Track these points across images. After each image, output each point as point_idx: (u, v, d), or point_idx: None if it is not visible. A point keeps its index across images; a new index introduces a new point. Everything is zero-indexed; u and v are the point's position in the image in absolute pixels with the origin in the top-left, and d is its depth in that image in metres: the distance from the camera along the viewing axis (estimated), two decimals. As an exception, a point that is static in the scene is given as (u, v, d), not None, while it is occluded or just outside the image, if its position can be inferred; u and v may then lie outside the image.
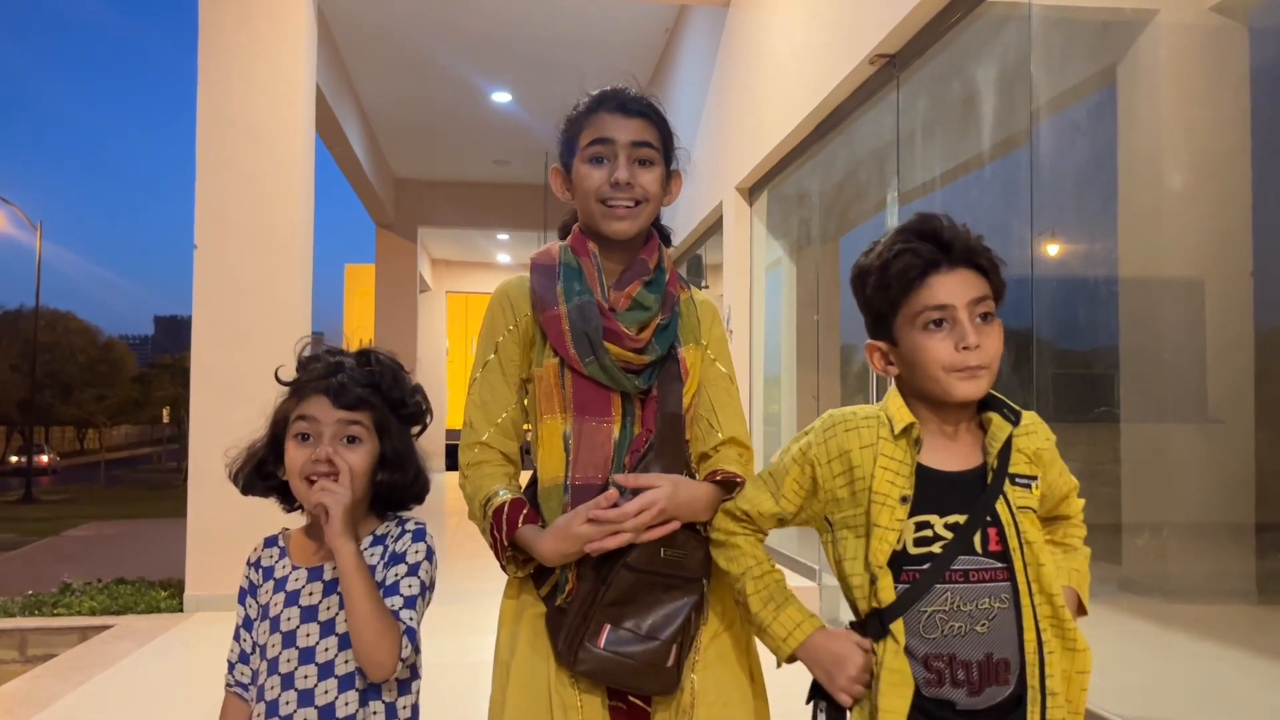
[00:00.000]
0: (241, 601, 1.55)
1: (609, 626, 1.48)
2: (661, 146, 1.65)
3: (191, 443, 5.64)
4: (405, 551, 1.51)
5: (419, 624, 1.48)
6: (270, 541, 1.58)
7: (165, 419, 39.20)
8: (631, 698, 1.55)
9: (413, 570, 1.49)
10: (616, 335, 1.57)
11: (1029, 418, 1.43)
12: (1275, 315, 3.22)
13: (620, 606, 1.49)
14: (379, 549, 1.52)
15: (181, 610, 5.51)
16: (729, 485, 1.56)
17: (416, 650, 1.47)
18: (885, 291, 1.38)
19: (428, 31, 8.26)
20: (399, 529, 1.54)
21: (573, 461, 1.57)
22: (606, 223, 1.62)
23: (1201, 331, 3.41)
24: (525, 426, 1.69)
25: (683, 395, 1.61)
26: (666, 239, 1.76)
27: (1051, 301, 3.55)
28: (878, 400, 1.48)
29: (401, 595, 1.46)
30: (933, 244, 1.35)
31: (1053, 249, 3.59)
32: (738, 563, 1.51)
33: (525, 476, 1.68)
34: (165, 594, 5.71)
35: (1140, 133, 3.50)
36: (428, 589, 1.51)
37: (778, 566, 1.54)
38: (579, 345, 1.57)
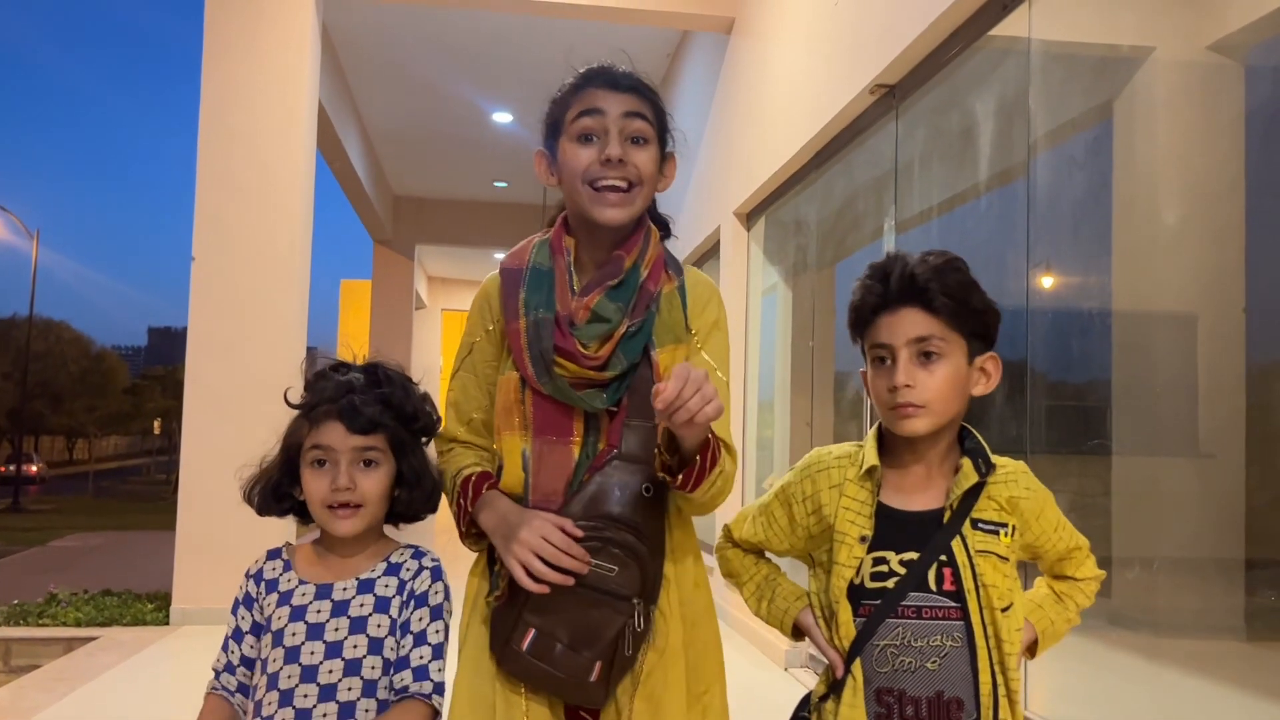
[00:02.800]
0: (234, 612, 1.53)
1: (533, 631, 1.43)
2: (656, 124, 1.54)
3: (183, 456, 5.62)
4: (426, 592, 1.50)
5: (445, 666, 1.48)
6: (273, 554, 1.57)
7: (156, 430, 39.03)
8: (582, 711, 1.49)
9: (436, 614, 1.50)
10: (570, 354, 1.46)
11: (1013, 466, 1.45)
12: (1267, 351, 3.24)
13: (544, 614, 1.42)
14: (393, 579, 1.51)
15: (168, 623, 5.48)
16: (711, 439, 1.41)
17: (442, 700, 1.47)
18: (852, 327, 1.45)
19: (431, 51, 8.31)
20: (415, 562, 1.53)
21: (531, 484, 1.49)
22: (596, 209, 1.49)
23: (1194, 366, 3.42)
24: None
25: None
26: (664, 228, 1.64)
27: (1046, 333, 3.57)
28: (871, 426, 1.51)
29: (430, 644, 1.47)
30: (882, 282, 1.39)
31: (1048, 281, 3.62)
32: (731, 573, 1.61)
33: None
34: (152, 606, 5.68)
35: (1136, 168, 3.53)
36: (449, 628, 1.51)
37: (767, 560, 1.60)
38: (535, 365, 1.48)
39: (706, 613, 1.59)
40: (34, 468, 36.72)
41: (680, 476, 1.40)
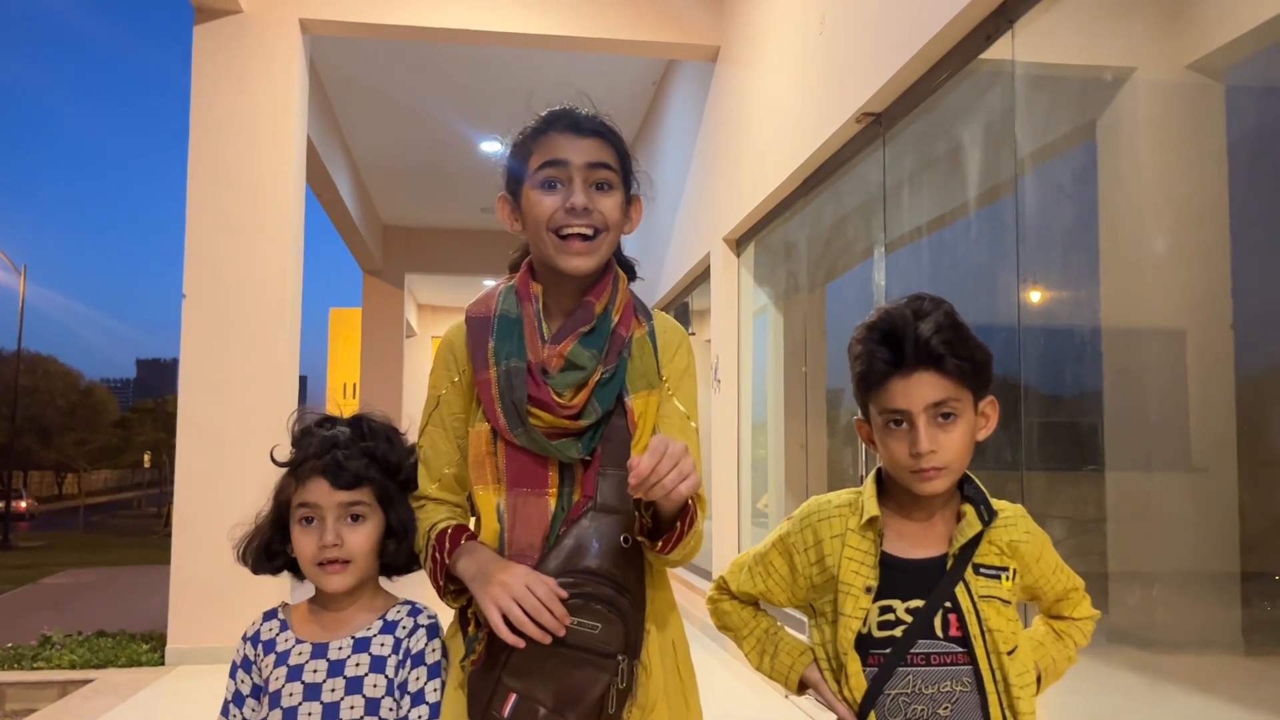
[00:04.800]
0: (233, 675, 1.52)
1: (514, 696, 1.37)
2: (620, 169, 1.51)
3: (176, 494, 5.60)
4: (423, 651, 1.50)
5: None
6: (269, 615, 1.57)
7: (146, 464, 38.80)
8: None
9: (434, 672, 1.49)
10: (545, 404, 1.43)
11: (1011, 510, 1.47)
12: (1255, 365, 3.27)
13: (525, 677, 1.37)
14: (388, 638, 1.50)
15: (163, 663, 5.43)
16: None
17: None
18: (857, 386, 1.44)
19: (418, 83, 8.36)
20: (411, 620, 1.53)
21: (507, 539, 1.45)
22: (561, 258, 1.46)
23: (1184, 381, 3.44)
24: None
25: (630, 451, 1.45)
26: (630, 272, 1.61)
27: (1037, 352, 3.60)
28: (865, 452, 1.52)
29: (427, 703, 1.47)
30: (890, 348, 1.37)
31: (1038, 299, 3.65)
32: (729, 626, 1.59)
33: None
34: (146, 647, 5.64)
35: (1121, 186, 3.57)
36: (445, 685, 1.50)
37: (765, 613, 1.59)
38: (508, 416, 1.44)
39: (684, 657, 1.56)
40: (23, 504, 36.46)
41: (660, 542, 1.39)
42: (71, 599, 13.69)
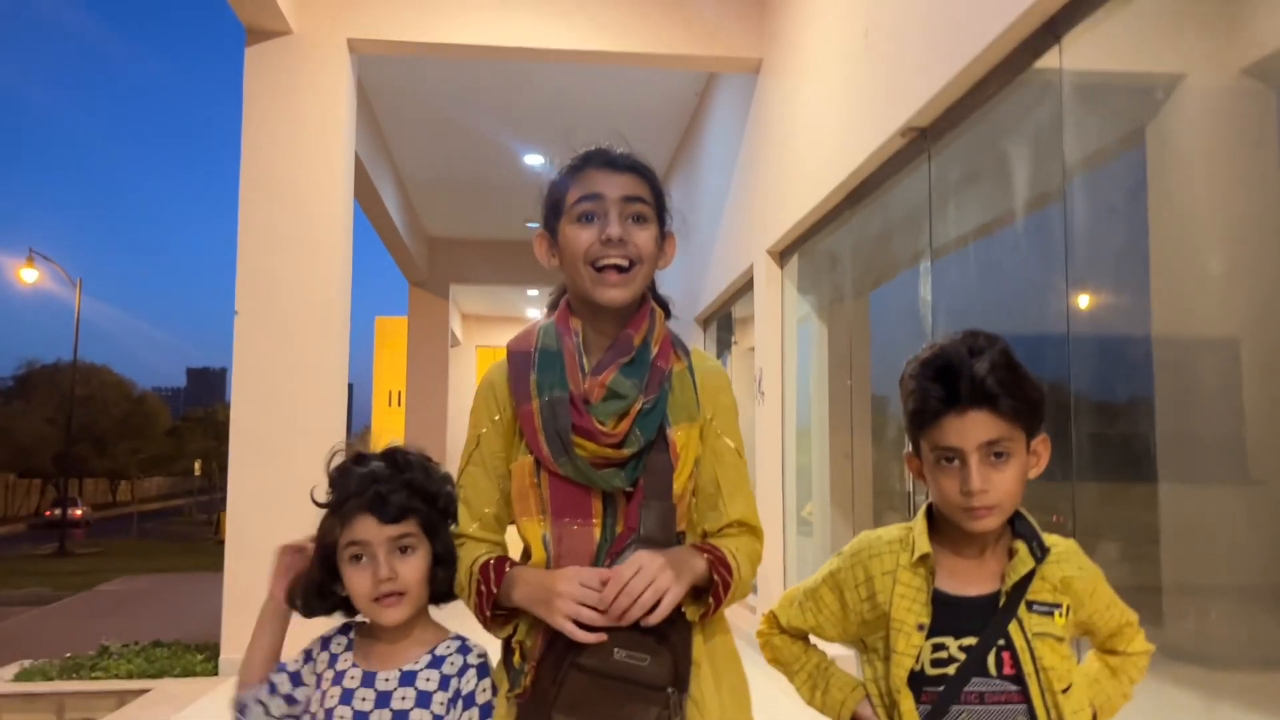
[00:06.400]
0: (291, 667, 1.58)
1: None
2: (654, 204, 1.55)
3: (229, 504, 5.70)
4: (474, 691, 1.52)
5: None
6: (344, 629, 1.61)
7: (198, 472, 39.50)
8: None
9: (485, 713, 1.51)
10: (589, 432, 1.45)
11: (1064, 545, 1.46)
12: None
13: (575, 713, 1.37)
14: (435, 673, 1.53)
15: (217, 673, 5.53)
16: (713, 562, 1.46)
17: None
18: (909, 421, 1.43)
19: (463, 98, 8.46)
20: (460, 658, 1.55)
21: (554, 569, 1.46)
22: (598, 290, 1.50)
23: (1238, 391, 3.39)
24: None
25: (672, 483, 1.48)
26: (665, 309, 1.63)
27: (1088, 362, 3.56)
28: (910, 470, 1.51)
29: None
30: (944, 385, 1.37)
31: (1087, 309, 3.61)
32: (779, 660, 1.61)
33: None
34: (201, 657, 5.75)
35: (1172, 194, 3.53)
36: None
37: (815, 648, 1.60)
38: (552, 445, 1.46)
39: (740, 689, 1.56)
40: (79, 511, 37.30)
41: (700, 612, 1.46)
42: (127, 606, 13.98)
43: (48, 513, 37.74)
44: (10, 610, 14.29)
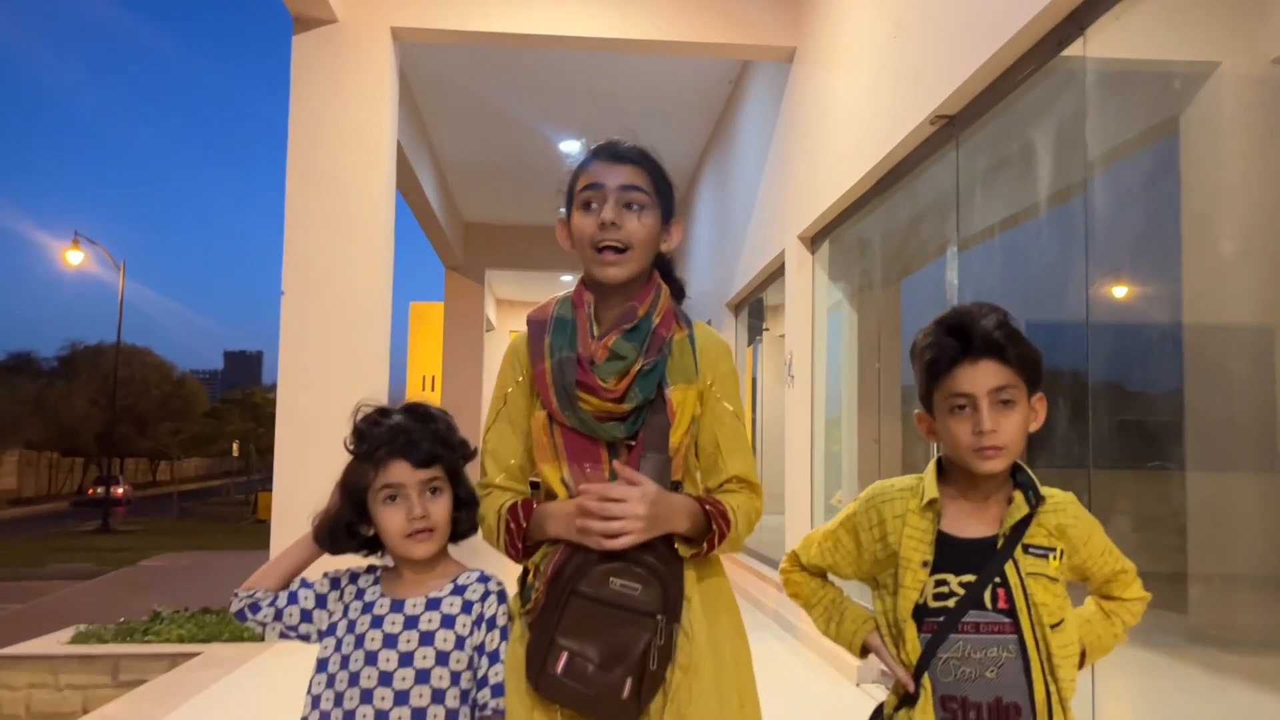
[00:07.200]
0: (319, 588, 1.74)
1: (566, 654, 1.55)
2: (654, 192, 1.72)
3: (275, 483, 5.90)
4: (495, 615, 1.70)
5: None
6: (372, 570, 1.78)
7: (235, 453, 40.13)
8: None
9: (505, 634, 1.69)
10: (591, 388, 1.64)
11: (1061, 497, 1.61)
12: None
13: (575, 636, 1.55)
14: (458, 599, 1.70)
15: (263, 639, 5.71)
16: (714, 513, 1.63)
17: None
18: (922, 376, 1.60)
19: (501, 86, 8.59)
20: (481, 586, 1.72)
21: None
22: (597, 268, 1.70)
23: (1270, 379, 3.43)
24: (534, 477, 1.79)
25: (669, 436, 1.66)
26: (676, 288, 1.81)
27: (1115, 348, 3.61)
28: (937, 448, 1.65)
29: (502, 662, 1.65)
30: (959, 339, 1.54)
31: (1117, 295, 3.66)
32: (799, 595, 1.77)
33: None
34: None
35: (1204, 181, 3.57)
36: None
37: (832, 584, 1.77)
38: (560, 399, 1.66)
39: (733, 631, 1.72)
40: (120, 490, 38.05)
41: (692, 552, 1.64)
42: (169, 580, 14.34)
43: (90, 490, 38.56)
44: (58, 584, 14.72)
